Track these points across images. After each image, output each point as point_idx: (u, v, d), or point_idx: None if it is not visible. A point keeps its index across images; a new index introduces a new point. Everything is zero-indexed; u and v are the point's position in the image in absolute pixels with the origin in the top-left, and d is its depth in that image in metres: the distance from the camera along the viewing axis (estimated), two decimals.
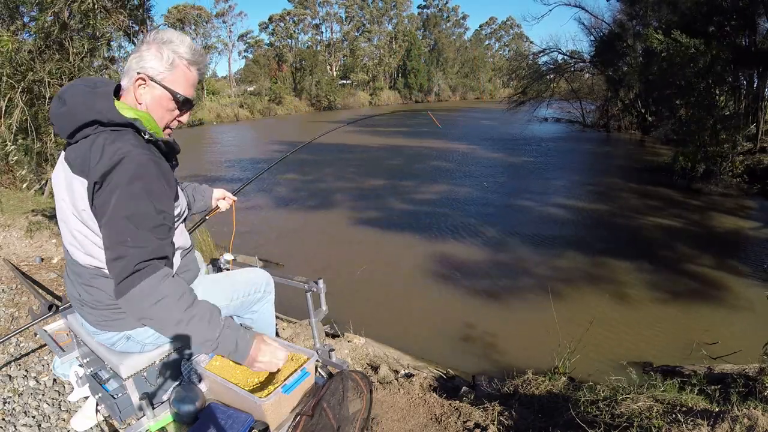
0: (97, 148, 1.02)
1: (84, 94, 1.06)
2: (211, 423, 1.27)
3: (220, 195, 1.75)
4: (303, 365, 1.42)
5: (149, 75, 1.10)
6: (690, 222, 7.58)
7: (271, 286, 1.62)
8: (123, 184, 0.98)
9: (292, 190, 10.73)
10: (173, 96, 1.14)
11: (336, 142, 18.61)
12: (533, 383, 2.49)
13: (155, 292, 0.98)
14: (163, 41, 1.11)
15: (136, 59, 1.11)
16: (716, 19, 10.66)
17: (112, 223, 0.98)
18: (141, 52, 1.11)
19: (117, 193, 0.98)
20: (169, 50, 1.11)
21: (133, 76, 1.11)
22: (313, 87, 40.46)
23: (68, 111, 1.05)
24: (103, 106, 1.04)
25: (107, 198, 0.98)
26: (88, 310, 1.23)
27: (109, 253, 0.99)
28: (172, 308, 1.01)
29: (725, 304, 4.68)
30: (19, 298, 3.14)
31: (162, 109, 1.14)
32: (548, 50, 21.11)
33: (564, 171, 12.36)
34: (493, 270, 5.77)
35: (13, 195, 6.30)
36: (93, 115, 1.03)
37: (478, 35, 57.75)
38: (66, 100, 1.06)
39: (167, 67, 1.11)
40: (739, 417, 1.47)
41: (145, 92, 1.12)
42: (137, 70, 1.10)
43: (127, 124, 1.06)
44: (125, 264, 0.97)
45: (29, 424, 1.89)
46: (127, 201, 0.98)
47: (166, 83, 1.12)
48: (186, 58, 1.13)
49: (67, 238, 1.17)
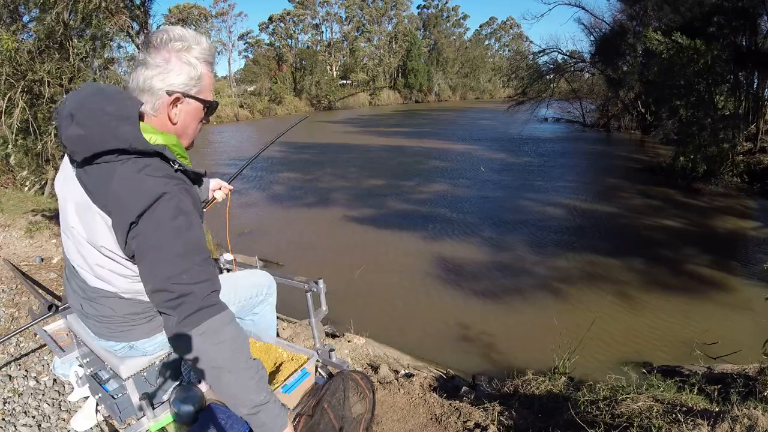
0: (125, 181, 0.92)
1: (103, 117, 0.92)
2: (211, 423, 1.27)
3: (216, 185, 1.71)
4: (303, 365, 1.43)
5: (182, 92, 1.01)
6: (690, 222, 7.58)
7: (273, 288, 1.61)
8: (167, 220, 0.92)
9: (292, 190, 10.73)
10: (204, 105, 1.08)
11: (337, 142, 18.61)
12: (533, 383, 2.49)
13: (219, 333, 0.93)
14: (180, 48, 1.00)
15: (158, 78, 0.99)
16: (717, 19, 10.66)
17: (164, 263, 0.91)
18: (159, 66, 0.99)
19: (163, 231, 0.91)
20: (191, 58, 1.01)
21: (161, 97, 1.00)
22: (313, 87, 40.48)
23: (85, 136, 0.92)
24: (129, 134, 0.92)
25: (152, 237, 0.92)
26: (91, 323, 1.21)
27: (165, 294, 0.91)
28: (227, 354, 0.93)
29: (725, 304, 4.68)
30: (19, 298, 3.14)
31: (195, 122, 1.10)
32: (548, 50, 21.12)
33: (564, 171, 12.35)
34: (493, 270, 5.77)
35: (13, 195, 6.30)
36: (116, 144, 0.91)
37: (478, 35, 57.77)
38: (81, 121, 0.92)
39: (197, 80, 1.03)
40: (739, 417, 1.47)
41: (180, 110, 1.04)
42: (166, 89, 1.00)
43: (155, 153, 0.95)
44: (190, 301, 0.90)
45: (29, 424, 1.89)
46: (175, 238, 0.92)
47: (200, 95, 1.05)
48: (209, 62, 1.06)
49: (75, 259, 1.11)
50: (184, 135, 1.10)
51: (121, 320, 1.16)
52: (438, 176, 11.77)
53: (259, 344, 1.55)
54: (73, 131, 0.92)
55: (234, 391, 0.94)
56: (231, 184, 1.77)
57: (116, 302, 1.12)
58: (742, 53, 10.80)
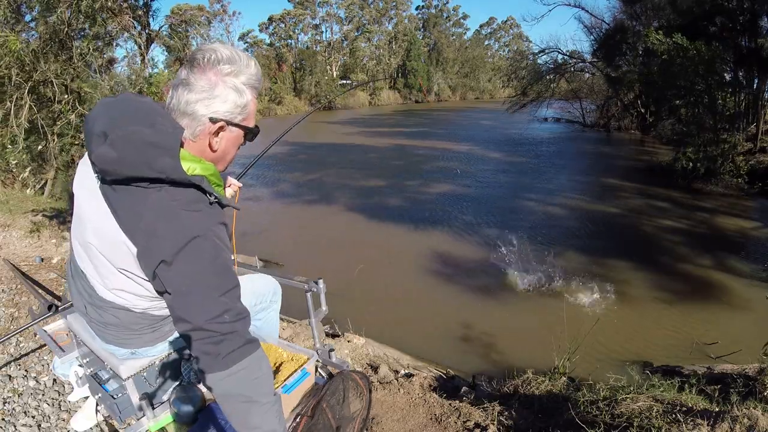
0: (159, 214, 0.88)
1: (141, 145, 0.85)
2: (211, 423, 1.27)
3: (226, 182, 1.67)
4: (303, 365, 1.43)
5: (226, 120, 0.96)
6: (690, 222, 7.58)
7: (278, 295, 1.60)
8: (208, 259, 0.89)
9: (292, 190, 10.73)
10: (246, 132, 1.03)
11: (337, 141, 18.62)
12: (533, 383, 2.49)
13: (258, 368, 0.93)
14: (229, 73, 0.93)
15: (203, 104, 0.92)
16: (718, 19, 10.66)
17: (205, 303, 0.88)
18: (205, 91, 0.92)
19: (203, 270, 0.88)
20: (239, 84, 0.95)
21: (204, 123, 0.94)
22: (313, 87, 40.49)
23: (118, 160, 0.85)
24: (168, 166, 0.86)
25: (190, 276, 0.88)
26: (95, 325, 1.20)
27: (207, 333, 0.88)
28: (263, 388, 0.94)
29: (725, 304, 4.68)
30: (19, 298, 3.14)
31: (234, 148, 1.05)
32: (548, 50, 21.12)
33: (564, 171, 12.35)
34: (493, 270, 5.77)
35: (13, 195, 6.30)
36: (152, 174, 0.86)
37: (478, 35, 57.77)
38: (115, 143, 0.85)
39: (242, 108, 0.97)
40: (739, 417, 1.47)
41: (222, 137, 0.99)
42: (209, 116, 0.93)
43: (192, 185, 0.90)
44: (234, 339, 0.89)
45: (29, 424, 1.89)
46: (215, 276, 0.89)
47: (244, 123, 1.00)
48: (255, 87, 0.98)
49: (86, 267, 1.07)
50: (222, 161, 1.05)
51: (126, 329, 1.15)
52: (437, 176, 11.77)
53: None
54: (105, 151, 0.85)
55: (258, 423, 0.94)
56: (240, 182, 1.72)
57: (125, 314, 1.10)
58: (743, 53, 10.80)
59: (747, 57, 10.82)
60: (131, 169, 0.86)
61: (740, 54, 10.88)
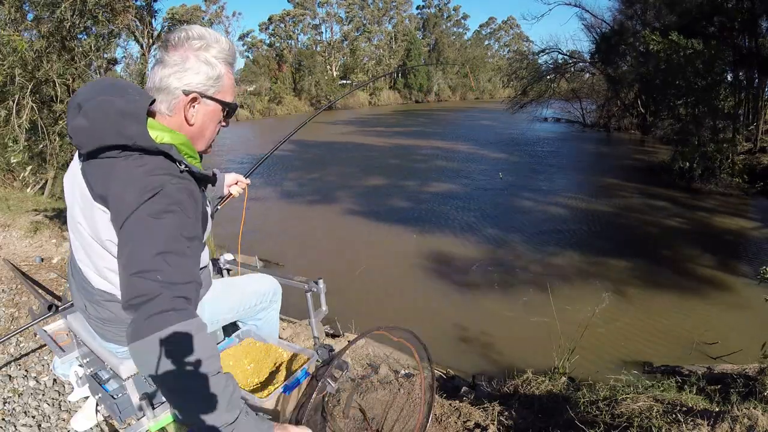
0: (124, 177, 0.89)
1: (111, 112, 0.89)
2: None
3: (233, 180, 1.66)
4: (303, 365, 1.42)
5: (199, 92, 0.99)
6: (690, 222, 7.58)
7: (278, 295, 1.60)
8: (154, 215, 0.86)
9: (292, 190, 10.73)
10: (224, 106, 1.05)
11: (337, 141, 18.62)
12: (533, 383, 2.49)
13: (184, 342, 0.81)
14: (199, 47, 0.97)
15: (175, 76, 0.96)
16: (717, 19, 10.66)
17: (139, 257, 0.84)
18: (177, 65, 0.96)
19: (148, 226, 0.85)
20: (210, 57, 0.98)
21: (178, 96, 0.97)
22: (313, 87, 40.48)
23: (90, 128, 0.90)
24: (133, 131, 0.88)
25: (136, 231, 0.86)
26: (94, 323, 1.21)
27: (131, 290, 0.83)
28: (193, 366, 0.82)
29: (725, 304, 4.68)
30: (19, 298, 3.14)
31: (213, 123, 1.06)
32: (548, 50, 21.13)
33: (564, 171, 12.36)
34: (493, 270, 5.77)
35: (13, 195, 6.30)
36: (120, 140, 0.88)
37: (478, 35, 57.77)
38: (88, 112, 0.90)
39: (215, 80, 1.00)
40: (739, 417, 1.47)
41: (197, 110, 1.01)
42: (182, 89, 0.97)
43: (160, 152, 0.91)
44: (158, 303, 0.81)
45: (29, 424, 1.89)
46: (158, 234, 0.85)
47: (218, 96, 1.02)
48: (228, 62, 1.02)
49: (80, 257, 1.08)
50: (200, 137, 1.06)
51: (123, 324, 1.12)
52: (438, 176, 11.77)
53: (259, 344, 1.55)
54: (78, 122, 0.90)
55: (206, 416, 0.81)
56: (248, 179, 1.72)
57: (118, 306, 1.06)
58: (742, 53, 10.80)
59: (747, 57, 10.82)
60: (101, 137, 0.89)
61: (740, 54, 10.87)
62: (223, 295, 1.42)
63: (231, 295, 1.46)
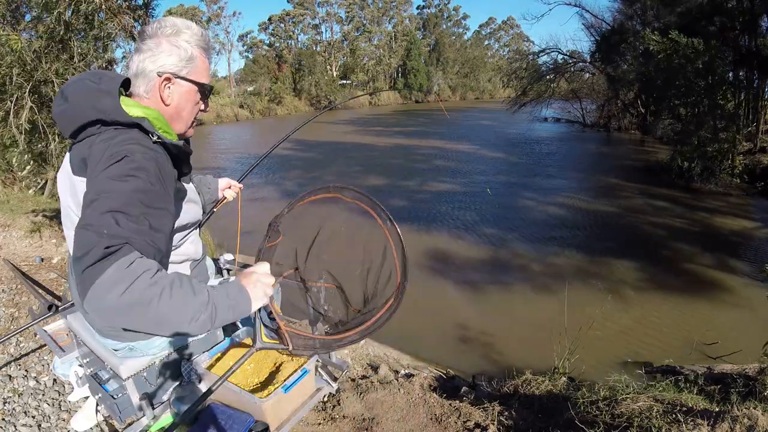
0: (98, 148, 0.92)
1: (87, 91, 0.97)
2: (211, 423, 1.27)
3: (226, 184, 1.69)
4: (303, 365, 1.42)
5: (173, 72, 1.04)
6: (690, 221, 7.58)
7: (278, 294, 1.62)
8: (114, 178, 0.84)
9: (292, 189, 10.72)
10: (199, 88, 1.10)
11: (337, 141, 18.61)
12: (533, 383, 2.49)
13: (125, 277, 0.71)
14: (171, 33, 1.04)
15: (150, 59, 1.03)
16: (718, 19, 10.66)
17: (92, 213, 0.80)
18: (150, 50, 1.03)
19: (107, 187, 0.83)
20: (182, 41, 1.04)
21: (152, 78, 1.03)
22: (313, 87, 40.48)
23: (69, 108, 0.97)
24: (107, 105, 0.95)
25: (96, 190, 0.84)
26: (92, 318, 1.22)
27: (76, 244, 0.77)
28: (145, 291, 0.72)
29: (725, 304, 4.68)
30: (19, 298, 3.14)
31: (190, 104, 1.10)
32: (548, 50, 21.14)
33: (564, 171, 12.35)
34: (493, 269, 5.77)
35: (13, 195, 6.30)
36: (95, 114, 0.94)
37: (478, 35, 57.78)
38: (68, 96, 0.98)
39: (187, 61, 1.05)
40: (739, 417, 1.47)
41: (172, 91, 1.06)
42: (156, 71, 1.03)
43: (133, 125, 0.96)
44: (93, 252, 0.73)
45: (29, 424, 1.89)
46: (115, 196, 0.82)
47: (191, 77, 1.07)
48: (200, 46, 1.08)
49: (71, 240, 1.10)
50: (178, 118, 1.09)
51: None
52: (438, 176, 11.77)
53: None
54: (61, 107, 0.98)
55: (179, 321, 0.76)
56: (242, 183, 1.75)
57: None
58: (743, 53, 10.80)
59: (747, 57, 10.82)
60: (80, 114, 0.96)
61: (740, 54, 10.87)
62: None
63: None
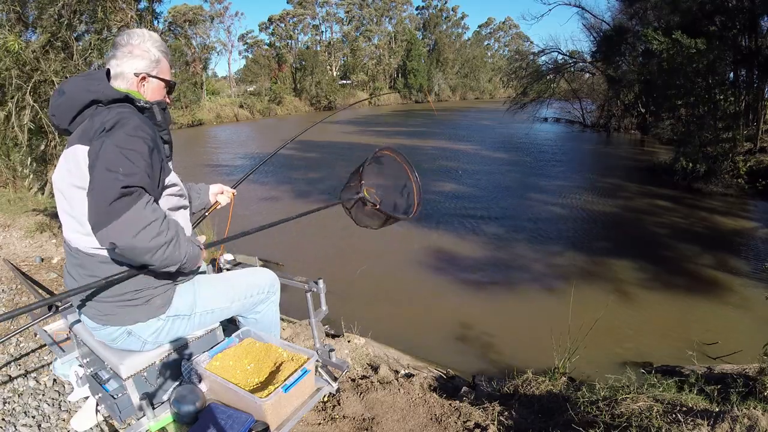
0: (99, 118, 1.15)
1: (80, 83, 1.21)
2: (211, 423, 1.27)
3: (218, 190, 1.75)
4: (303, 365, 1.42)
5: (147, 72, 1.30)
6: (690, 222, 7.58)
7: (276, 287, 1.62)
8: (120, 132, 1.09)
9: (292, 189, 10.72)
10: (166, 83, 1.36)
11: (337, 141, 18.61)
12: (533, 383, 2.49)
13: (142, 218, 1.03)
14: (138, 42, 1.29)
15: (126, 63, 1.27)
16: (718, 19, 10.65)
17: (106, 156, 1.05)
18: (125, 56, 1.27)
19: (114, 137, 1.08)
20: (149, 48, 1.30)
21: (130, 78, 1.28)
22: (313, 87, 40.47)
23: (67, 98, 1.19)
24: (99, 86, 1.20)
25: (103, 143, 1.07)
26: (90, 305, 1.23)
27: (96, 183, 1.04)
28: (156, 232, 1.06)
29: (725, 304, 4.68)
30: (19, 298, 3.15)
31: (159, 96, 1.35)
32: (548, 50, 21.13)
33: (564, 171, 12.35)
34: (493, 269, 5.77)
35: (13, 195, 6.30)
36: (91, 96, 1.18)
37: (478, 35, 57.78)
38: (65, 90, 1.21)
39: (155, 63, 1.31)
40: (739, 417, 1.47)
41: (146, 88, 1.32)
42: (134, 72, 1.28)
43: (123, 98, 1.21)
44: (114, 189, 1.01)
45: (29, 424, 1.89)
46: (123, 144, 1.07)
47: (160, 75, 1.33)
48: (162, 51, 1.33)
49: (70, 225, 1.21)
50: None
51: (117, 297, 1.21)
52: (438, 176, 11.76)
53: (259, 344, 1.55)
54: (58, 99, 1.20)
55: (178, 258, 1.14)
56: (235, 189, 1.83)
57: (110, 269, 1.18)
58: (743, 53, 10.79)
59: (747, 57, 10.81)
60: (76, 99, 1.19)
61: (740, 54, 10.87)
62: (217, 288, 1.46)
63: (228, 286, 1.49)
